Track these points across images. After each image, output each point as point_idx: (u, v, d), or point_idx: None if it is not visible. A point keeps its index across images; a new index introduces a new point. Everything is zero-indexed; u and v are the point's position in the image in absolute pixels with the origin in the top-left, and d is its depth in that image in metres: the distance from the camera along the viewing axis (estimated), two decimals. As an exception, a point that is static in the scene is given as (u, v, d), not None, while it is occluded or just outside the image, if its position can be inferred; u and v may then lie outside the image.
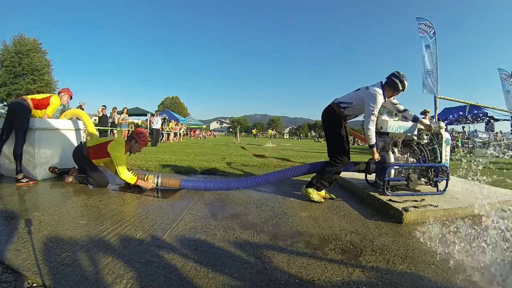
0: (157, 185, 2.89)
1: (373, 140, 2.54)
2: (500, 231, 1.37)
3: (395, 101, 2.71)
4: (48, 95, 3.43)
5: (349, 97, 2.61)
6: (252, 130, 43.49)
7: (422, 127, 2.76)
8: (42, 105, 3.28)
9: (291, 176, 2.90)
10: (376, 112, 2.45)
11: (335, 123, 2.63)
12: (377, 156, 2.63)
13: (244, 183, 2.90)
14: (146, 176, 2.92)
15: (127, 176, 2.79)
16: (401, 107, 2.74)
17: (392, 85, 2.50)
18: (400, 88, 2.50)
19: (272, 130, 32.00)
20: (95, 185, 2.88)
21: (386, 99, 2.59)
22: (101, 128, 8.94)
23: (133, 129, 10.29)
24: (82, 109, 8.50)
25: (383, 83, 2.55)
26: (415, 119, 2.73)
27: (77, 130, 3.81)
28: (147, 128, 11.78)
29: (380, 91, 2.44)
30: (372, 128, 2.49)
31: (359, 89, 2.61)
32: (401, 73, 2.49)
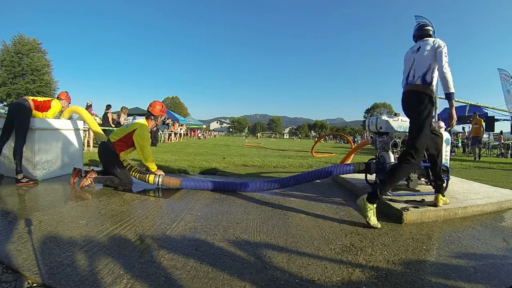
0: (157, 184, 2.88)
1: (452, 88, 2.02)
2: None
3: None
4: (49, 98, 3.48)
5: (423, 63, 2.16)
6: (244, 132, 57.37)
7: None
8: (43, 107, 3.31)
9: (292, 184, 2.92)
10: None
11: (429, 105, 2.09)
12: (453, 113, 2.11)
13: (248, 186, 2.91)
14: (146, 177, 2.89)
15: (153, 165, 2.99)
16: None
17: (432, 32, 2.30)
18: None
19: (259, 133, 54.47)
20: (121, 186, 2.85)
21: None
22: (105, 128, 8.91)
23: None
24: (90, 107, 8.49)
25: (429, 34, 2.28)
26: None
27: (77, 130, 3.81)
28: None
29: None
30: (450, 73, 2.03)
31: (418, 49, 2.21)
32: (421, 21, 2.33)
